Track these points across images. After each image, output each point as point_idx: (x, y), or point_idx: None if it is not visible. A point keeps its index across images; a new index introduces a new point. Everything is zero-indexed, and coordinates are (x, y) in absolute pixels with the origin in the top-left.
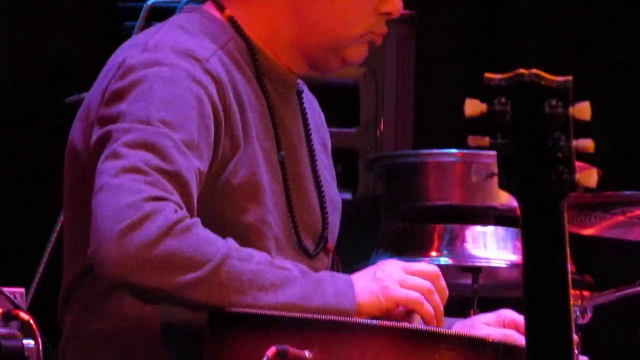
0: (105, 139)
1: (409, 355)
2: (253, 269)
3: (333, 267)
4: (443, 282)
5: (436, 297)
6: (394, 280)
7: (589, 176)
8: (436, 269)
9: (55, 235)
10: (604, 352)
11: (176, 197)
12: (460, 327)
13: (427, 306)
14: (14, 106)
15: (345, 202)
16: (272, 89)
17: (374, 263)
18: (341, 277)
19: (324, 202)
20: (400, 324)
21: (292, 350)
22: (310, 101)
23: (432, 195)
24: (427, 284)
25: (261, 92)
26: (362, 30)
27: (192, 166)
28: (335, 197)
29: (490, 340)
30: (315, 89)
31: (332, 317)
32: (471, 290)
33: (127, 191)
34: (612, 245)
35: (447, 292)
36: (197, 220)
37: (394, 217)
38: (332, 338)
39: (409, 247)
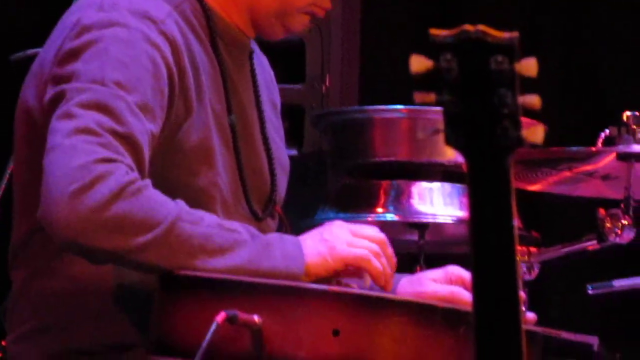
0: (58, 98)
1: (358, 320)
2: (203, 232)
3: (280, 228)
4: (390, 250)
5: (383, 259)
6: (341, 241)
7: (535, 132)
8: (383, 236)
9: (1, 189)
10: (551, 308)
11: (128, 159)
12: (407, 283)
13: (375, 263)
14: None
15: (291, 158)
16: (225, 51)
17: (319, 219)
18: (290, 239)
19: (273, 165)
20: (350, 289)
21: (242, 315)
22: (261, 60)
23: (378, 152)
24: (374, 245)
25: (214, 54)
26: (306, 1)
27: (145, 129)
28: (283, 159)
29: (440, 307)
30: (261, 45)
31: (282, 282)
32: (417, 246)
33: (79, 152)
34: (558, 201)
35: (394, 259)
36: (148, 181)
37: (340, 174)
38: (282, 303)
39: (355, 203)
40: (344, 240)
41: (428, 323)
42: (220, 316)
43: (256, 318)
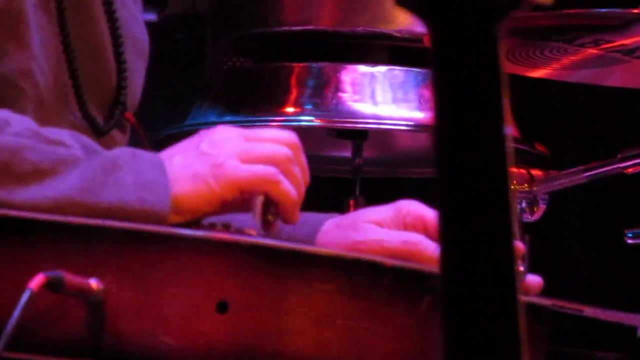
0: None
1: (258, 288)
2: (9, 144)
3: (134, 145)
4: (304, 158)
5: (297, 170)
6: (231, 154)
7: None
8: (294, 137)
9: None
10: (564, 263)
11: None
12: (336, 228)
13: (286, 185)
14: None
15: (148, 28)
16: None
17: (194, 125)
18: (148, 158)
19: (121, 47)
20: (245, 236)
21: (71, 278)
22: None
23: (288, 17)
24: (282, 150)
25: None
26: None
27: None
28: (139, 35)
29: (389, 265)
30: None
31: (136, 225)
32: (352, 167)
33: None
34: (578, 97)
35: (308, 174)
36: None
37: (226, 51)
38: (135, 258)
39: (252, 98)
40: (235, 152)
41: (370, 292)
42: (37, 280)
43: (93, 283)
